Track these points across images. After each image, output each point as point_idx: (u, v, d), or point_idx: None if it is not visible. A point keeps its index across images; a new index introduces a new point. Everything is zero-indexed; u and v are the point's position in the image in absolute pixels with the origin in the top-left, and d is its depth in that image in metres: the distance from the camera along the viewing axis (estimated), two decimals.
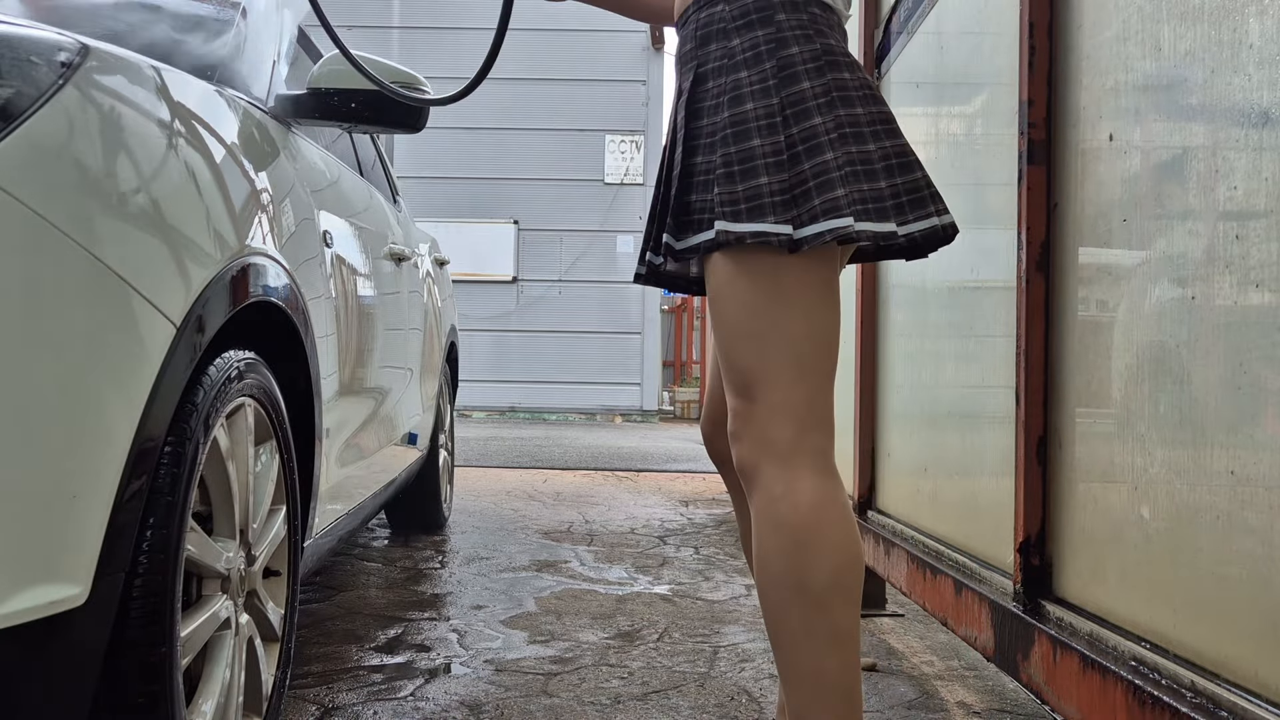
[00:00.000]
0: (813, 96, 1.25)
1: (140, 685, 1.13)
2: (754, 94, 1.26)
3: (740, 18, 1.29)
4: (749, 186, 1.23)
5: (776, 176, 1.23)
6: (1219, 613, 1.08)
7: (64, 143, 1.06)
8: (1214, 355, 1.10)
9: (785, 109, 1.25)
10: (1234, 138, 1.08)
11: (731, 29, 1.29)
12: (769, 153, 1.23)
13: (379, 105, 1.96)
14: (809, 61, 1.26)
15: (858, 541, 1.24)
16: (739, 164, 1.24)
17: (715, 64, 1.30)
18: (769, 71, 1.26)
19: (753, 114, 1.25)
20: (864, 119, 1.26)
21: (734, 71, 1.28)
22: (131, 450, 1.09)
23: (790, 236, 1.21)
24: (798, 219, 1.22)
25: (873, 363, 2.60)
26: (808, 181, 1.23)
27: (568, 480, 5.84)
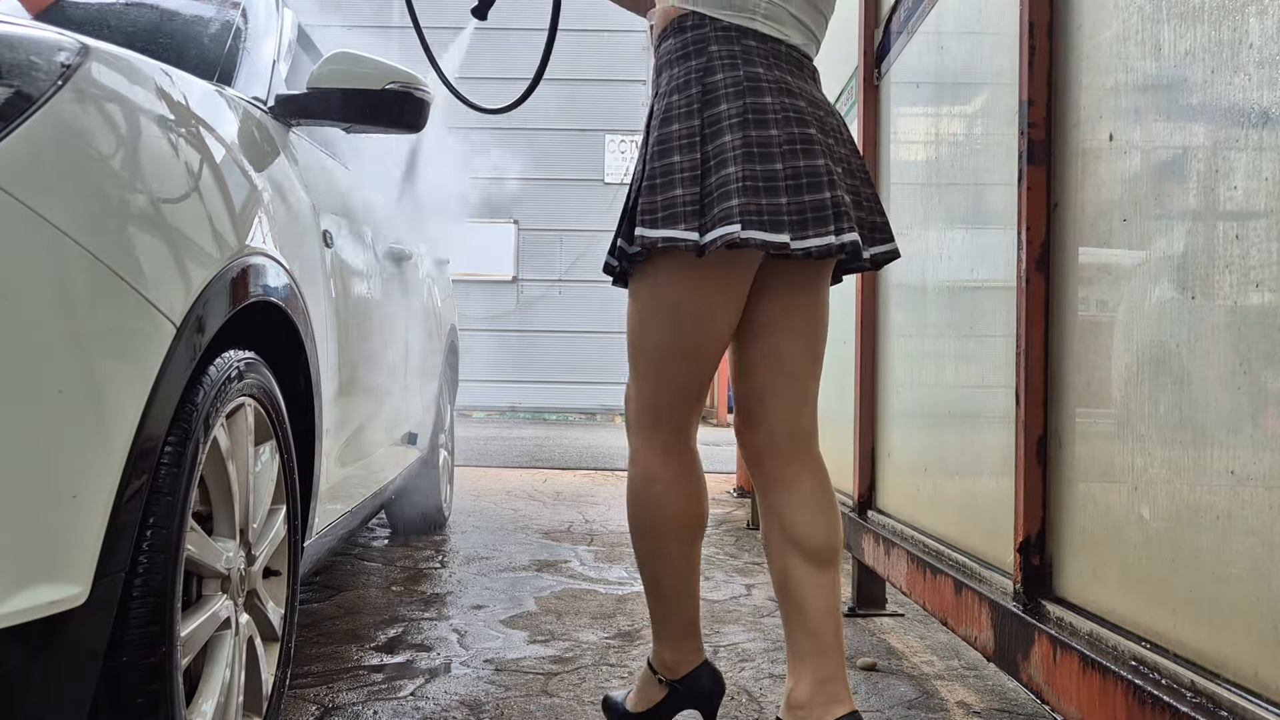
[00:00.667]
0: (727, 117, 1.40)
1: (140, 685, 1.13)
2: (680, 116, 1.43)
3: (680, 49, 1.47)
4: (667, 198, 1.39)
5: (689, 189, 1.38)
6: (1219, 613, 1.08)
7: (64, 143, 1.06)
8: (1214, 355, 1.10)
9: (705, 129, 1.40)
10: (1234, 138, 1.08)
11: (675, 59, 1.48)
12: (685, 168, 1.39)
13: (379, 105, 1.96)
14: (730, 87, 1.41)
15: (669, 503, 1.55)
16: (660, 178, 1.41)
17: (663, 89, 1.48)
18: (694, 96, 1.43)
19: (676, 134, 1.42)
20: (776, 140, 1.39)
21: (670, 96, 1.46)
22: (131, 450, 1.08)
23: (697, 242, 1.36)
24: (703, 226, 1.36)
25: (873, 363, 2.60)
26: (712, 193, 1.37)
27: (568, 480, 5.84)
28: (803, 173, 1.40)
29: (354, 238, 2.28)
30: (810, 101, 1.48)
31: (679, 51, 1.48)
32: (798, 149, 1.40)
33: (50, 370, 0.99)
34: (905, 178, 2.41)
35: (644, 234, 1.39)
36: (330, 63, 1.96)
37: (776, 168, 1.38)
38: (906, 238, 2.36)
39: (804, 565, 1.49)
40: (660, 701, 1.66)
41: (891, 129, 2.52)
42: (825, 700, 1.41)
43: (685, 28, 1.48)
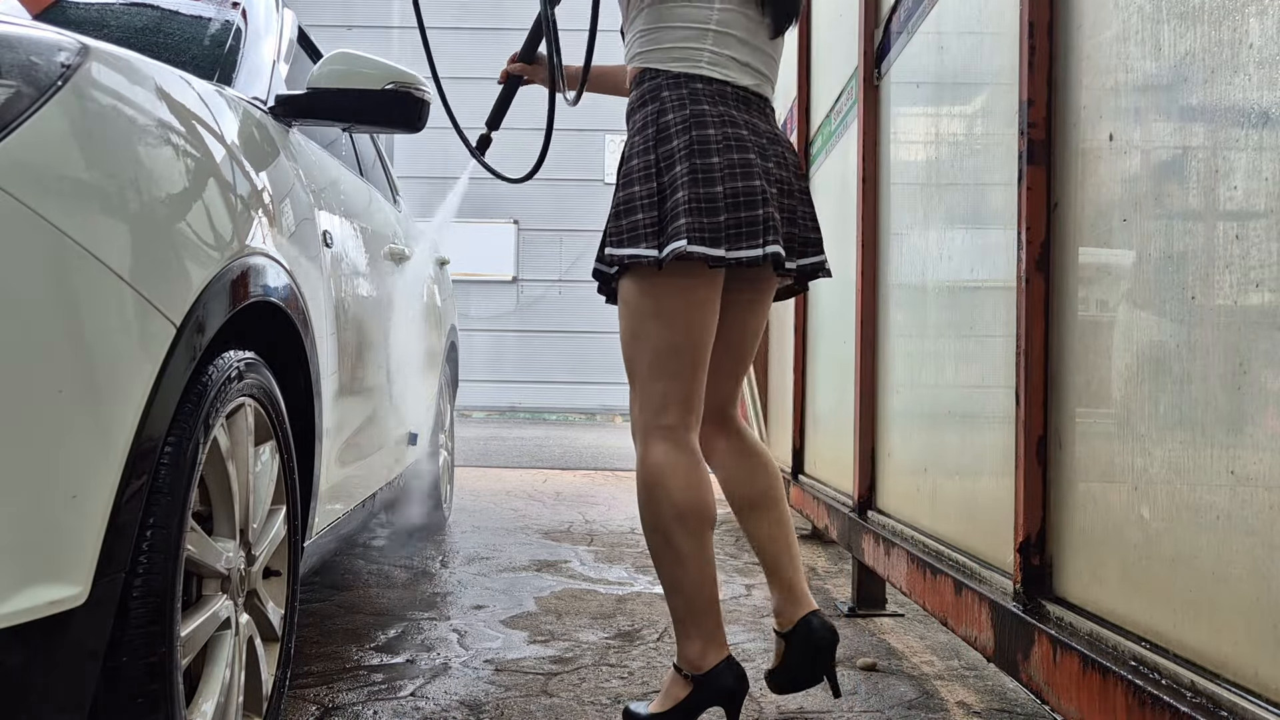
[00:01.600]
0: (678, 151, 1.66)
1: (140, 685, 1.13)
2: (639, 154, 1.70)
3: (639, 99, 1.76)
4: (630, 222, 1.66)
5: (649, 214, 1.65)
6: (1219, 613, 1.08)
7: (64, 143, 1.06)
8: (1214, 355, 1.10)
9: (659, 162, 1.68)
10: (1234, 138, 1.08)
11: (636, 106, 1.76)
12: (643, 196, 1.66)
13: (379, 105, 1.96)
14: (678, 125, 1.67)
15: (689, 495, 1.66)
16: (623, 205, 1.68)
17: (629, 133, 1.76)
18: (650, 135, 1.69)
19: (636, 168, 1.69)
20: (718, 166, 1.64)
21: (632, 138, 1.74)
22: (131, 450, 1.08)
23: (656, 257, 1.62)
24: (660, 245, 1.62)
25: (873, 363, 2.60)
26: (667, 216, 1.64)
27: (568, 480, 5.84)
28: (740, 192, 1.64)
29: (354, 238, 2.28)
30: (752, 130, 1.71)
31: (638, 101, 1.76)
32: (736, 172, 1.65)
33: (50, 370, 0.99)
34: (905, 178, 2.41)
35: (612, 253, 1.67)
36: (330, 63, 1.96)
37: (717, 190, 1.63)
38: (906, 238, 2.36)
39: (748, 510, 1.86)
40: (684, 699, 1.69)
41: (891, 129, 2.52)
42: (794, 605, 1.81)
43: (642, 81, 1.76)
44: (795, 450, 3.79)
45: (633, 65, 1.79)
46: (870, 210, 2.61)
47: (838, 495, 3.00)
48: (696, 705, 1.70)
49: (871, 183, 2.63)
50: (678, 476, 1.67)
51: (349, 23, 13.48)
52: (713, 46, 1.73)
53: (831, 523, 2.92)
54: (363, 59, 1.98)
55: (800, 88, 3.83)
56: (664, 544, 1.69)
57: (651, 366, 1.70)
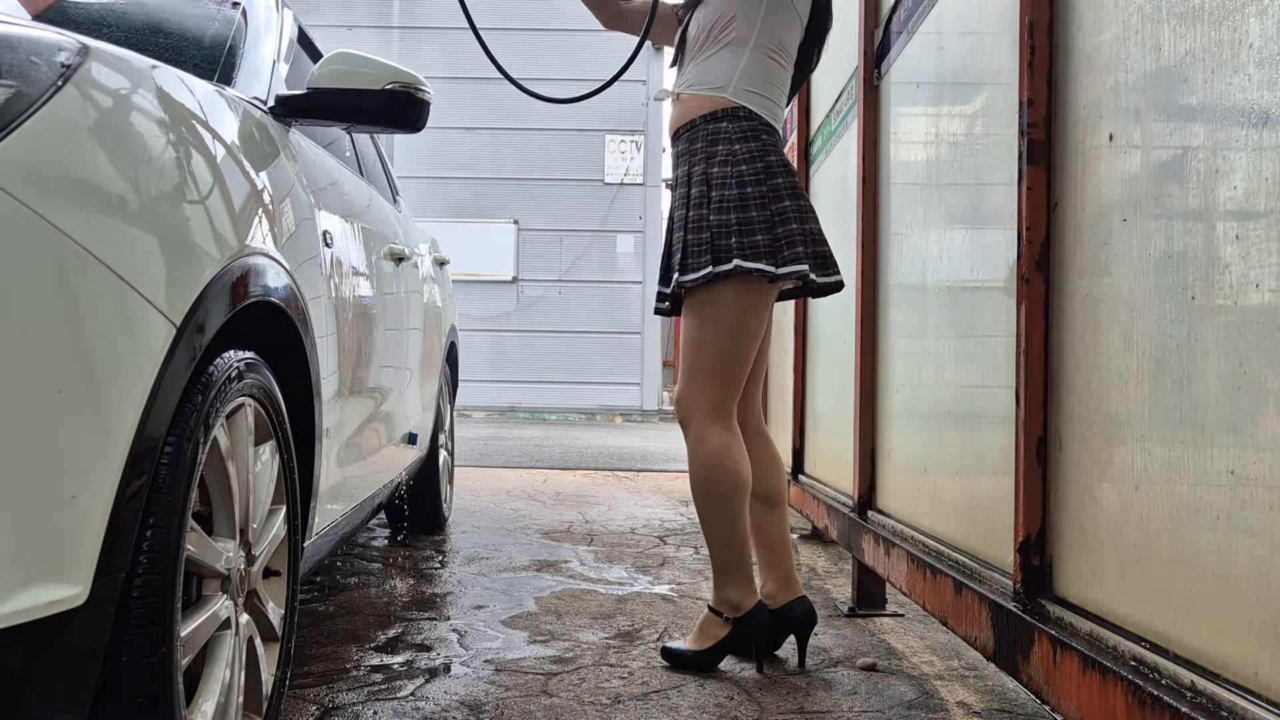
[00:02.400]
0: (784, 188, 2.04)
1: (140, 685, 1.13)
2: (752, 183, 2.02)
3: (740, 133, 2.05)
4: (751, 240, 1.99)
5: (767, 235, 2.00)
6: (1219, 613, 1.08)
7: (64, 143, 1.06)
8: (1214, 355, 1.10)
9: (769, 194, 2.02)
10: (1234, 138, 1.08)
11: (736, 138, 2.05)
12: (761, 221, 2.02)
13: (379, 105, 1.96)
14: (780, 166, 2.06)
15: (741, 468, 2.06)
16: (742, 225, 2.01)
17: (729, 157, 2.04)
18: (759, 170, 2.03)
19: (752, 196, 2.01)
20: (807, 208, 2.07)
21: (738, 165, 2.03)
22: (131, 450, 1.08)
23: (774, 272, 1.98)
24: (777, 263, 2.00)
25: (873, 363, 2.60)
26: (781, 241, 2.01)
27: (568, 480, 5.84)
28: (813, 232, 2.07)
29: (354, 238, 2.28)
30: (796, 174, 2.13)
31: (739, 136, 2.06)
32: (806, 213, 2.07)
33: (50, 370, 0.99)
34: (905, 178, 2.41)
35: (742, 264, 1.98)
36: (330, 63, 1.96)
37: (810, 228, 2.06)
38: (906, 238, 2.36)
39: (762, 506, 2.23)
40: (724, 637, 2.09)
41: (891, 129, 2.52)
42: (785, 590, 2.17)
43: (740, 117, 2.07)
44: (795, 450, 3.79)
45: (724, 97, 2.08)
46: (870, 210, 2.61)
47: (838, 495, 3.00)
48: (738, 639, 2.07)
49: (871, 183, 2.62)
50: (739, 454, 2.07)
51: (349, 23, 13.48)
52: (780, 102, 2.16)
53: (831, 523, 2.92)
54: (363, 59, 1.98)
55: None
56: (721, 507, 2.06)
57: (716, 364, 2.05)
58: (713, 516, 2.07)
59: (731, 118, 2.07)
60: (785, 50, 2.13)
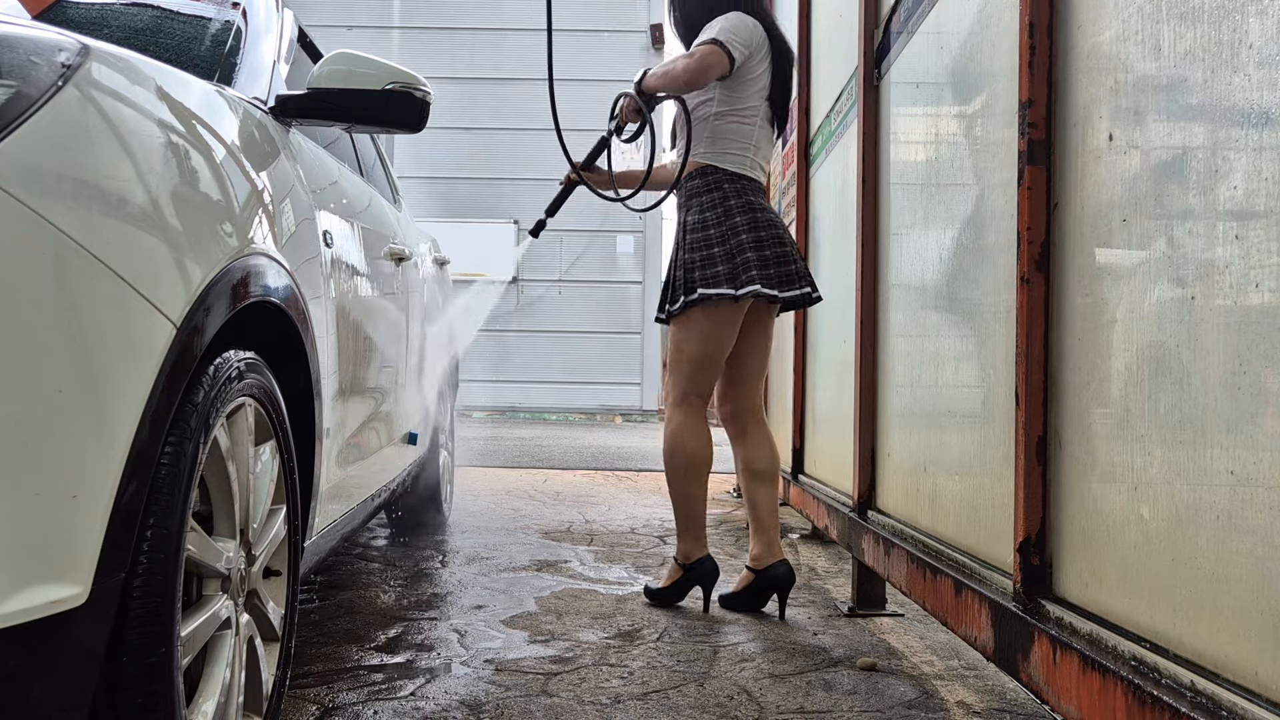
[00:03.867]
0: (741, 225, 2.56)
1: (140, 685, 1.13)
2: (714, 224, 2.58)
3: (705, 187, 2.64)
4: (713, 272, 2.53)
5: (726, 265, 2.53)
6: (1219, 613, 1.08)
7: (64, 143, 1.06)
8: (1214, 355, 1.10)
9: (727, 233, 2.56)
10: (1234, 138, 1.08)
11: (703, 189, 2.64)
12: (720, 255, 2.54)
13: (379, 105, 1.96)
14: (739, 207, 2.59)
15: (694, 447, 2.63)
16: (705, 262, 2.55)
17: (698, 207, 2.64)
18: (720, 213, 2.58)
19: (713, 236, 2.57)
20: (765, 237, 2.57)
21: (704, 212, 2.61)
22: (131, 450, 1.08)
23: (734, 294, 2.51)
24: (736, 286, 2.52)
25: (873, 363, 2.60)
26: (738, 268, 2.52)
27: (568, 480, 5.84)
28: (779, 254, 2.58)
29: (354, 238, 2.28)
30: (770, 211, 2.65)
31: (704, 186, 2.64)
32: (773, 238, 2.58)
33: (50, 370, 0.99)
34: (905, 178, 2.41)
35: (704, 292, 2.52)
36: (330, 63, 1.96)
37: (766, 253, 2.55)
38: (906, 238, 2.36)
39: (754, 480, 2.72)
40: (678, 579, 2.70)
41: (891, 129, 2.52)
42: (769, 554, 2.65)
43: (707, 173, 2.65)
44: (795, 450, 3.79)
45: (697, 160, 2.66)
46: (870, 210, 2.61)
47: (838, 495, 3.00)
48: (686, 583, 2.69)
49: (871, 183, 2.62)
50: (690, 434, 2.64)
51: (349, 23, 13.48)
52: (754, 155, 2.68)
53: (831, 523, 2.92)
54: (363, 59, 1.98)
55: (800, 88, 3.83)
56: (676, 475, 2.66)
57: (687, 367, 2.61)
58: (672, 481, 2.69)
59: (700, 175, 2.65)
60: (751, 110, 2.65)
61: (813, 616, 2.66)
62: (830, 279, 3.29)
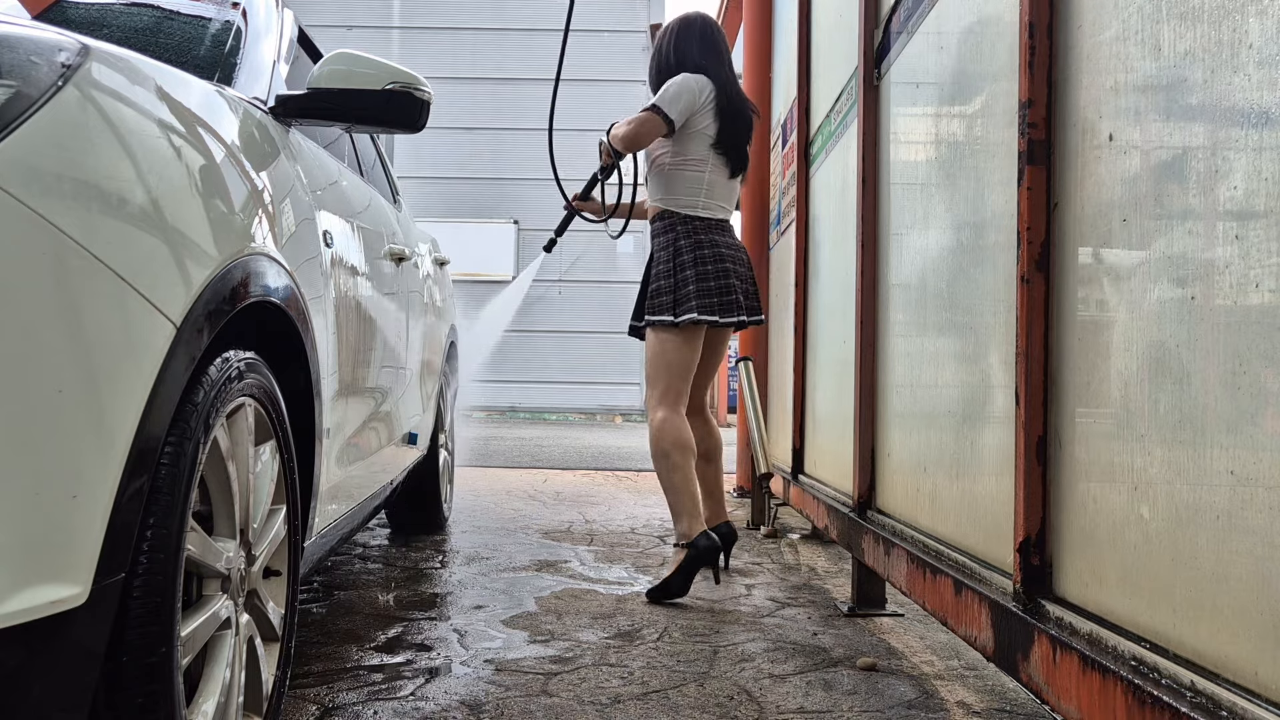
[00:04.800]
0: (687, 262, 2.99)
1: (140, 685, 1.13)
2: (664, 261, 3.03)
3: (663, 228, 3.08)
4: (660, 301, 2.99)
5: (669, 297, 2.98)
6: (1219, 613, 1.08)
7: (64, 143, 1.06)
8: (1214, 355, 1.10)
9: (676, 269, 3.00)
10: (1234, 138, 1.08)
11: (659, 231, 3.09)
12: (668, 288, 2.99)
13: (379, 105, 1.96)
14: (688, 247, 3.00)
15: (683, 435, 2.98)
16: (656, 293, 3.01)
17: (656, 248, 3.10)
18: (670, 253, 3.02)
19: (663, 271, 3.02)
20: (710, 270, 2.99)
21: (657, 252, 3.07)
22: (131, 450, 1.08)
23: (674, 321, 2.96)
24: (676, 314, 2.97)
25: (873, 363, 2.60)
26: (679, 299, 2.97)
27: (568, 480, 5.84)
28: (722, 286, 3.01)
29: (354, 238, 2.28)
30: (727, 246, 3.07)
31: (661, 229, 3.10)
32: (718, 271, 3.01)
33: (50, 370, 0.99)
34: (905, 178, 2.41)
35: (649, 318, 3.02)
36: (330, 63, 1.95)
37: (710, 284, 2.99)
38: (906, 238, 2.36)
39: (703, 460, 3.21)
40: (683, 561, 2.84)
41: (891, 129, 2.52)
42: (717, 516, 3.19)
43: (663, 217, 3.09)
44: (795, 450, 3.79)
45: (654, 205, 3.12)
46: (870, 210, 2.61)
47: (837, 495, 3.00)
48: (692, 562, 2.84)
49: (871, 183, 2.63)
50: (676, 424, 3.00)
51: (349, 23, 13.48)
52: (704, 197, 3.06)
53: (831, 523, 2.92)
54: (363, 59, 1.98)
55: (800, 88, 3.83)
56: (672, 464, 2.95)
57: (666, 373, 3.02)
58: (662, 469, 2.97)
59: (660, 218, 3.11)
60: (699, 158, 3.04)
61: (813, 616, 2.66)
62: (830, 279, 3.29)
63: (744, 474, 5.18)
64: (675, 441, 2.96)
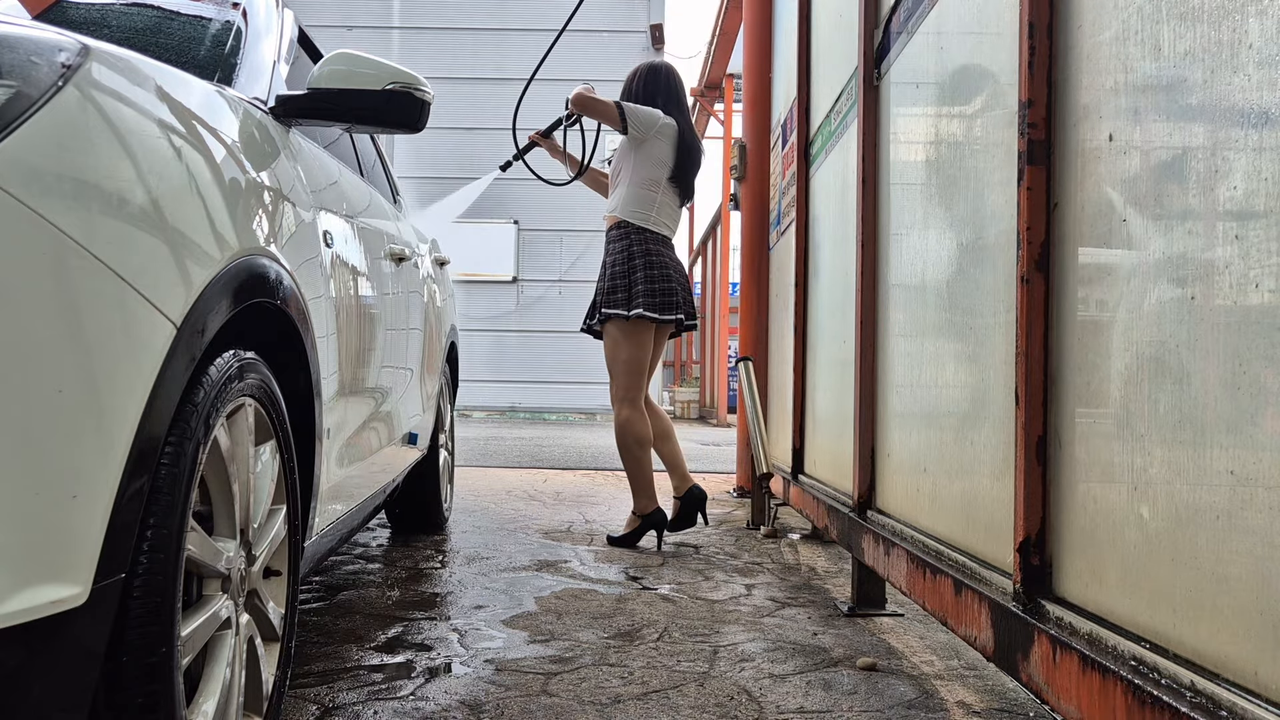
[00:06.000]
0: (638, 267, 3.60)
1: (140, 685, 1.13)
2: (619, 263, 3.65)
3: (619, 235, 3.69)
4: (615, 298, 3.61)
5: (623, 294, 3.60)
6: (1219, 613, 1.08)
7: (64, 143, 1.06)
8: (1214, 355, 1.10)
9: (630, 272, 3.61)
10: (1234, 138, 1.08)
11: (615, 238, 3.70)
12: (622, 287, 3.61)
13: (379, 105, 1.96)
14: (639, 254, 3.62)
15: (643, 429, 3.67)
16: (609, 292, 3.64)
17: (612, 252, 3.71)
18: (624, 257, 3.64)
19: (619, 273, 3.63)
20: (655, 275, 3.59)
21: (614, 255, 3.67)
22: (132, 450, 1.08)
23: (626, 315, 3.58)
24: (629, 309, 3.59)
25: (873, 363, 2.60)
26: (632, 297, 3.59)
27: (568, 480, 5.84)
28: (664, 289, 3.60)
29: (354, 238, 2.28)
30: (670, 258, 3.68)
31: (617, 235, 3.70)
32: (662, 277, 3.60)
33: (50, 370, 0.99)
34: (905, 178, 2.41)
35: (606, 311, 3.61)
36: (330, 63, 1.95)
37: (655, 287, 3.57)
38: (906, 238, 2.36)
39: (659, 439, 3.79)
40: (636, 527, 3.72)
41: (891, 129, 2.52)
42: (684, 483, 3.78)
43: (620, 226, 3.70)
44: (795, 450, 3.79)
45: (612, 215, 3.73)
46: (870, 210, 2.61)
47: (837, 495, 3.00)
48: (642, 529, 3.70)
49: (871, 183, 2.63)
50: (638, 422, 3.66)
51: (349, 23, 13.48)
52: (655, 215, 3.70)
53: (831, 523, 2.92)
54: (363, 59, 1.98)
55: (800, 88, 3.83)
56: (629, 452, 3.67)
57: (625, 370, 3.65)
58: (627, 460, 3.69)
59: (617, 227, 3.70)
60: (655, 183, 3.69)
61: (813, 616, 2.66)
62: (830, 279, 3.29)
63: (744, 474, 5.18)
64: (637, 438, 3.66)
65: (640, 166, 3.66)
